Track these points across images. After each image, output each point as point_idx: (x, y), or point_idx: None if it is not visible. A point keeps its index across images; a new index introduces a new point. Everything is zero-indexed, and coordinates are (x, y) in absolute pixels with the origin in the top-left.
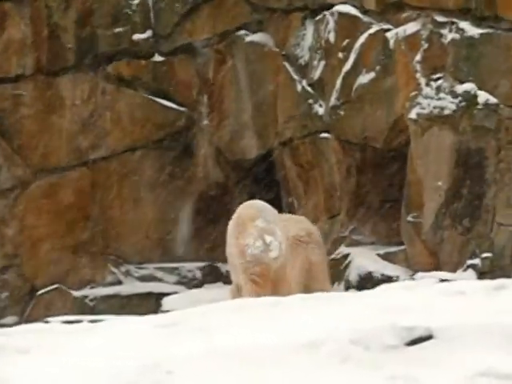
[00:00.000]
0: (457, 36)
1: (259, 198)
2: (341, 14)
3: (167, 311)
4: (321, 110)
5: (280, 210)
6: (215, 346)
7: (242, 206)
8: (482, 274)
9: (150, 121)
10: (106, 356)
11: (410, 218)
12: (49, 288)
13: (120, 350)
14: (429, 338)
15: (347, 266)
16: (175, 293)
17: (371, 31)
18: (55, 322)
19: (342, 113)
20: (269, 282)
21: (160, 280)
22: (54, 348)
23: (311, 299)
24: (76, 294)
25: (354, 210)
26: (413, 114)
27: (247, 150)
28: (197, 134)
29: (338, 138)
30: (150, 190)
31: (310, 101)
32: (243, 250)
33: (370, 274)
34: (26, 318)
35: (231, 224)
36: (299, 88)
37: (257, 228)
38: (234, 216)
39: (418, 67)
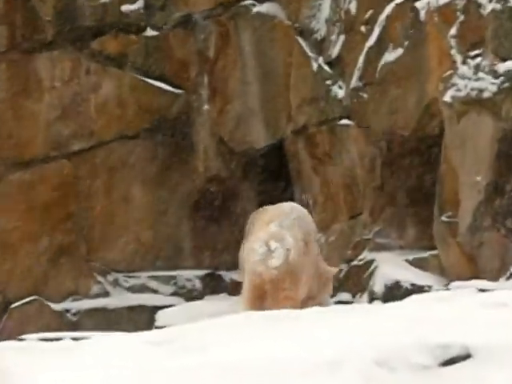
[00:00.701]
0: (498, 6)
1: (268, 196)
2: None
3: (162, 327)
4: (340, 93)
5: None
6: (215, 367)
7: (272, 206)
8: None
9: (142, 106)
10: (92, 379)
11: (443, 218)
12: (24, 300)
13: (107, 372)
14: (466, 357)
15: (371, 274)
16: (171, 306)
17: (398, 1)
18: (31, 340)
19: (364, 96)
20: (269, 291)
21: (154, 291)
22: (30, 370)
23: (329, 312)
24: (55, 307)
25: (378, 209)
26: (447, 97)
27: (254, 139)
28: (196, 121)
29: (360, 125)
30: (141, 186)
31: (328, 82)
32: (249, 255)
33: (397, 283)
34: None
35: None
36: (315, 67)
37: (267, 232)
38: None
39: (453, 42)
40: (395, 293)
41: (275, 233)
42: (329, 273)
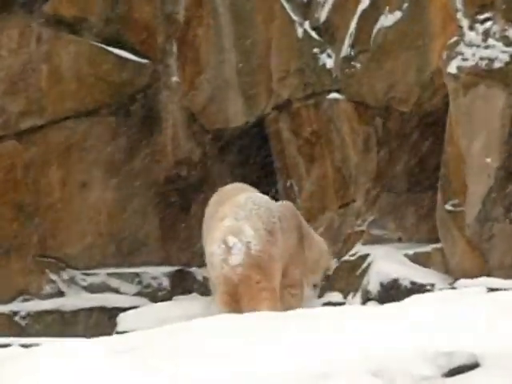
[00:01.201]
0: None
1: (247, 181)
2: None
3: (124, 332)
4: (329, 63)
5: (275, 197)
6: (186, 378)
7: (224, 192)
8: None
9: (101, 78)
10: None
11: (448, 207)
12: None
13: None
14: (474, 366)
15: (365, 271)
16: (135, 307)
17: None
18: None
19: (357, 66)
20: (234, 297)
21: (115, 290)
22: None
23: (316, 316)
24: (2, 308)
25: (374, 196)
26: (452, 68)
27: (231, 116)
28: (163, 96)
29: (352, 99)
30: (101, 170)
31: (315, 50)
32: (210, 260)
33: (395, 281)
34: None
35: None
36: (300, 33)
37: (221, 228)
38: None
39: (459, 5)
40: (393, 293)
41: (231, 227)
42: (323, 261)
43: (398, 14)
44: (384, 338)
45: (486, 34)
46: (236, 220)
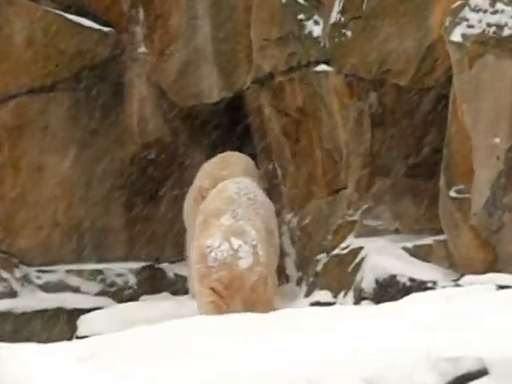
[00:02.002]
0: None
1: None
2: None
3: (86, 336)
4: (316, 30)
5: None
6: (162, 380)
7: (214, 189)
8: None
9: (59, 48)
10: None
11: (452, 193)
12: None
13: None
14: (481, 373)
15: (358, 267)
16: (98, 308)
17: None
18: None
19: (348, 34)
20: (236, 296)
21: (75, 289)
22: None
23: (300, 315)
24: None
25: (367, 182)
26: (456, 36)
27: (205, 91)
28: (129, 68)
29: (342, 71)
30: (59, 153)
31: (300, 16)
32: (204, 251)
33: (392, 278)
34: None
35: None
36: None
37: (221, 228)
38: (201, 207)
39: None
40: (390, 291)
41: (232, 227)
42: None
43: None
44: (379, 340)
45: None
46: (235, 219)
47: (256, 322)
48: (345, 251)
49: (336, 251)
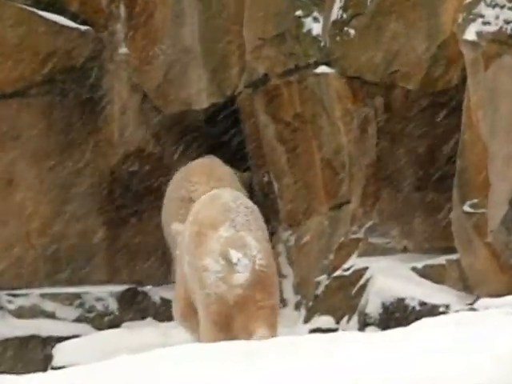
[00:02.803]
0: None
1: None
2: None
3: (62, 367)
4: (316, 28)
5: (249, 195)
6: None
7: (204, 197)
8: None
9: (32, 49)
10: None
11: (466, 208)
12: None
13: None
14: None
15: (363, 290)
16: (76, 336)
17: None
18: None
19: (351, 32)
20: (226, 319)
21: (50, 315)
22: None
23: (298, 342)
24: None
25: (373, 196)
26: (470, 34)
27: (193, 96)
28: (109, 71)
29: (345, 74)
30: (31, 164)
31: (299, 12)
32: (201, 275)
33: (400, 301)
34: None
35: (186, 227)
36: None
37: (219, 240)
38: (191, 217)
39: None
40: (398, 316)
41: (231, 238)
42: None
43: None
44: (384, 369)
45: None
46: (235, 229)
47: (247, 350)
48: (348, 272)
49: (338, 272)
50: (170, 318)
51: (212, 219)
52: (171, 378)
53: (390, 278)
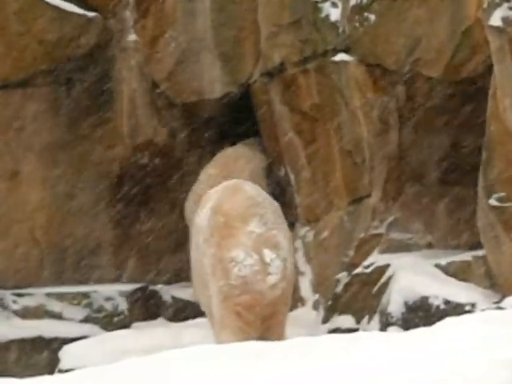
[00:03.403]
0: None
1: None
2: None
3: (69, 370)
4: (334, 14)
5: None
6: None
7: (224, 186)
8: None
9: (36, 37)
10: None
11: (492, 202)
12: None
13: None
14: None
15: (385, 288)
16: (83, 338)
17: None
18: None
19: (371, 17)
20: (259, 319)
21: (56, 316)
22: None
23: (317, 342)
24: None
25: (395, 189)
26: (496, 20)
27: (206, 85)
28: (117, 59)
29: (364, 61)
30: (37, 158)
31: None
32: (227, 266)
33: (424, 300)
34: None
35: (204, 216)
36: None
37: (251, 236)
38: (213, 206)
39: None
40: (421, 315)
41: (265, 236)
42: None
43: None
44: (407, 370)
45: None
46: (266, 226)
47: (262, 350)
48: (369, 269)
49: (358, 270)
50: (182, 318)
51: (240, 212)
52: (183, 380)
53: (413, 275)
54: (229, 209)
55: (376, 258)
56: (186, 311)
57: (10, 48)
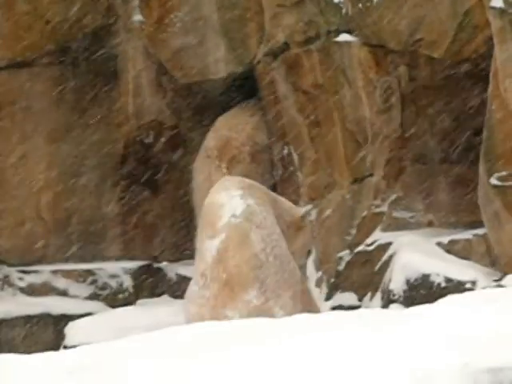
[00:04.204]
0: None
1: None
2: None
3: (74, 346)
4: None
5: (271, 168)
6: None
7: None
8: None
9: (42, 16)
10: None
11: (493, 181)
12: None
13: None
14: None
15: (386, 265)
16: (89, 314)
17: None
18: None
19: None
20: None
21: (62, 293)
22: None
23: (320, 320)
24: None
25: (397, 169)
26: (497, 1)
27: (211, 65)
28: (123, 40)
29: (368, 42)
30: (43, 137)
31: None
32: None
33: (425, 277)
34: None
35: (209, 250)
36: None
37: (248, 305)
38: (219, 249)
39: None
40: (422, 292)
41: (261, 308)
42: None
43: None
44: (412, 352)
45: None
46: (264, 296)
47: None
48: (371, 247)
49: (361, 247)
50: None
51: (243, 275)
52: (186, 356)
53: (415, 253)
54: (233, 266)
55: (378, 236)
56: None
57: (16, 28)
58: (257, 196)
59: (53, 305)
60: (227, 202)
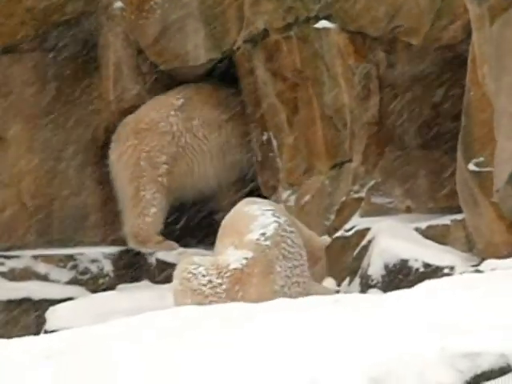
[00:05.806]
0: None
1: None
2: None
3: (54, 331)
4: None
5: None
6: None
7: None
8: None
9: (22, 3)
10: None
11: (471, 167)
12: None
13: None
14: (504, 371)
15: (365, 251)
16: (69, 299)
17: None
18: None
19: None
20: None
21: (43, 278)
22: None
23: (297, 306)
24: None
25: (375, 154)
26: None
27: (190, 51)
28: (103, 26)
29: (346, 28)
30: (23, 122)
31: None
32: None
33: (403, 263)
34: None
35: None
36: None
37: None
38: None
39: None
40: (401, 278)
41: None
42: None
43: None
44: (389, 338)
45: None
46: None
47: (242, 316)
48: (349, 233)
49: (339, 233)
50: (166, 281)
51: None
52: (160, 352)
53: (393, 238)
54: (251, 293)
55: (357, 222)
56: (170, 274)
57: None
58: (286, 216)
59: (34, 289)
60: (259, 216)
